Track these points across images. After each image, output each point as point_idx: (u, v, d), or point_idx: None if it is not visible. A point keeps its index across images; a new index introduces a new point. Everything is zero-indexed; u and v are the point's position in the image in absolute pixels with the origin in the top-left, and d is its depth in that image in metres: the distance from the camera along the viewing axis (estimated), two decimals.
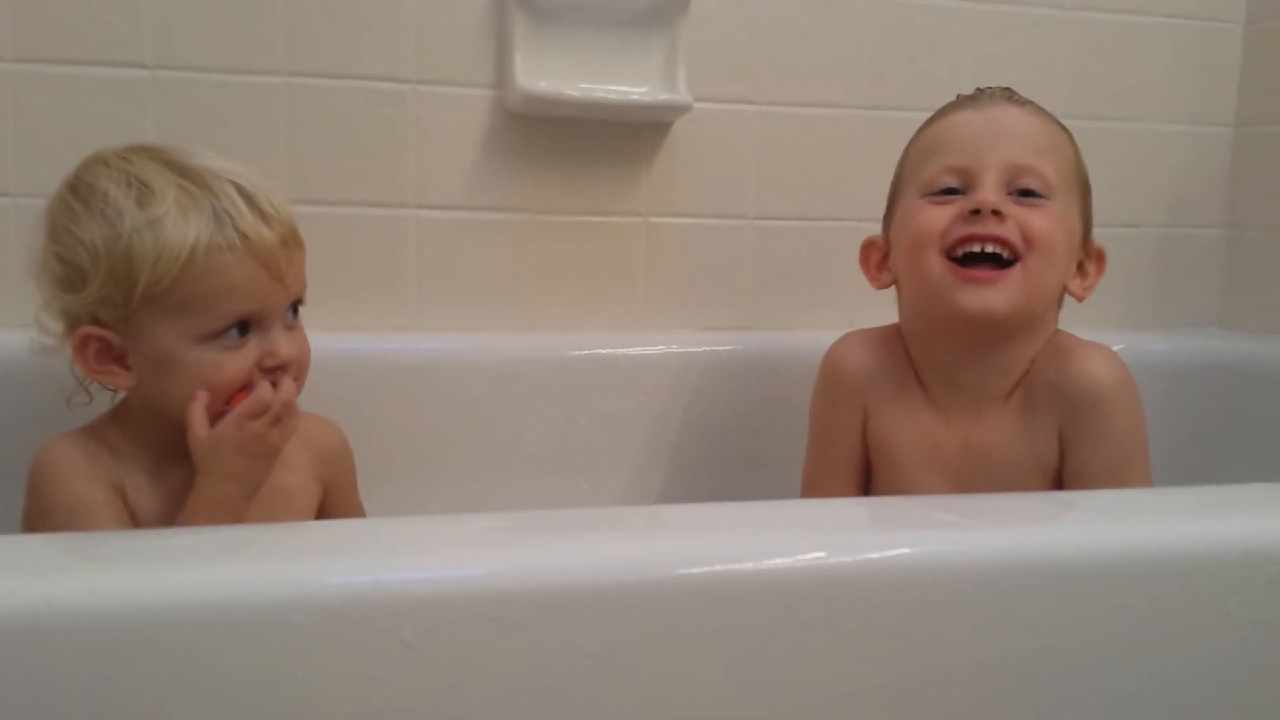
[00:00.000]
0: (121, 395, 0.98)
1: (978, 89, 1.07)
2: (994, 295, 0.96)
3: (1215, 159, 1.61)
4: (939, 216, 0.98)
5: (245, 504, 0.91)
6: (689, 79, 1.36)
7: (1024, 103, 1.04)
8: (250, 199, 0.90)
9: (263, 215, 0.90)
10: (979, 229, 0.96)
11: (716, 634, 0.60)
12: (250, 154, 0.98)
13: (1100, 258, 1.05)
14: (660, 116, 1.38)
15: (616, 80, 1.34)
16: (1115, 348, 1.40)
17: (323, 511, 1.06)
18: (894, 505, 0.77)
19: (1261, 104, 1.57)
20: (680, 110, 1.37)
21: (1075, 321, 1.23)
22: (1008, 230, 0.96)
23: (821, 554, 0.63)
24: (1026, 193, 0.98)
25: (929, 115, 1.09)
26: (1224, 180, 1.61)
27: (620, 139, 1.39)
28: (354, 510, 1.09)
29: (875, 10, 1.46)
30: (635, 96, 1.34)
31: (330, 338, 1.17)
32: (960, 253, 0.98)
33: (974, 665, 0.65)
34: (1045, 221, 0.97)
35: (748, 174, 1.44)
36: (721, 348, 1.39)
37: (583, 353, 1.35)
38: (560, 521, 0.67)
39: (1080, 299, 1.04)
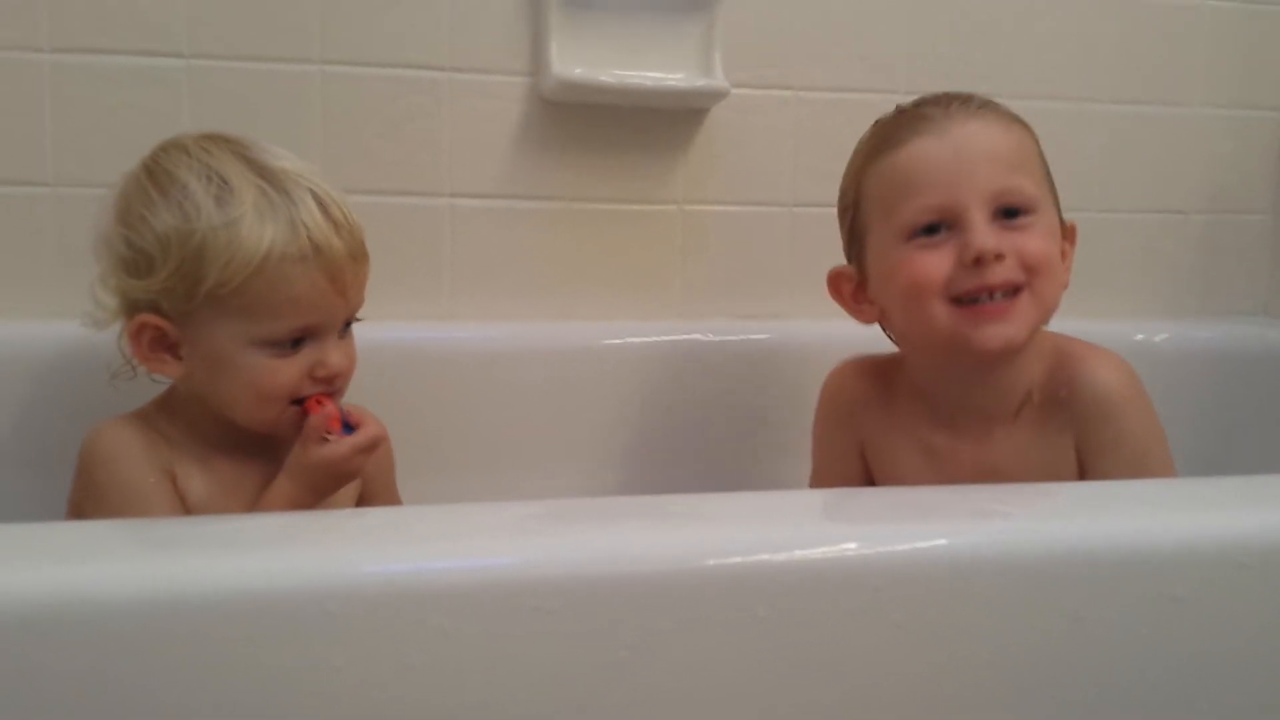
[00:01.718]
0: (167, 383, 0.98)
1: (921, 100, 1.00)
2: (1010, 328, 0.93)
3: (1261, 144, 1.57)
4: (936, 265, 0.94)
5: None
6: (725, 65, 1.35)
7: (980, 109, 0.97)
8: (325, 208, 0.90)
9: (335, 226, 0.90)
10: (987, 279, 0.92)
11: (760, 624, 0.60)
12: (284, 143, 0.97)
13: (1072, 234, 1.01)
14: (696, 103, 1.37)
15: (652, 66, 1.33)
16: (1159, 337, 1.40)
17: (361, 503, 1.06)
18: (937, 494, 0.76)
19: None
20: (717, 96, 1.35)
21: (1116, 311, 1.22)
22: (1009, 271, 0.93)
23: (866, 544, 0.62)
24: (1012, 211, 0.94)
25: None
26: (1271, 165, 1.58)
27: (656, 126, 1.38)
28: (391, 501, 1.10)
29: None
30: (671, 83, 1.33)
31: (363, 327, 1.16)
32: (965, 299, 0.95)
33: (1019, 656, 0.64)
34: (1039, 241, 0.94)
35: (784, 161, 1.42)
36: (757, 336, 1.38)
37: (617, 341, 1.34)
38: (600, 510, 0.66)
39: (1062, 286, 0.99)
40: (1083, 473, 0.97)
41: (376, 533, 0.61)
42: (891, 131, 0.98)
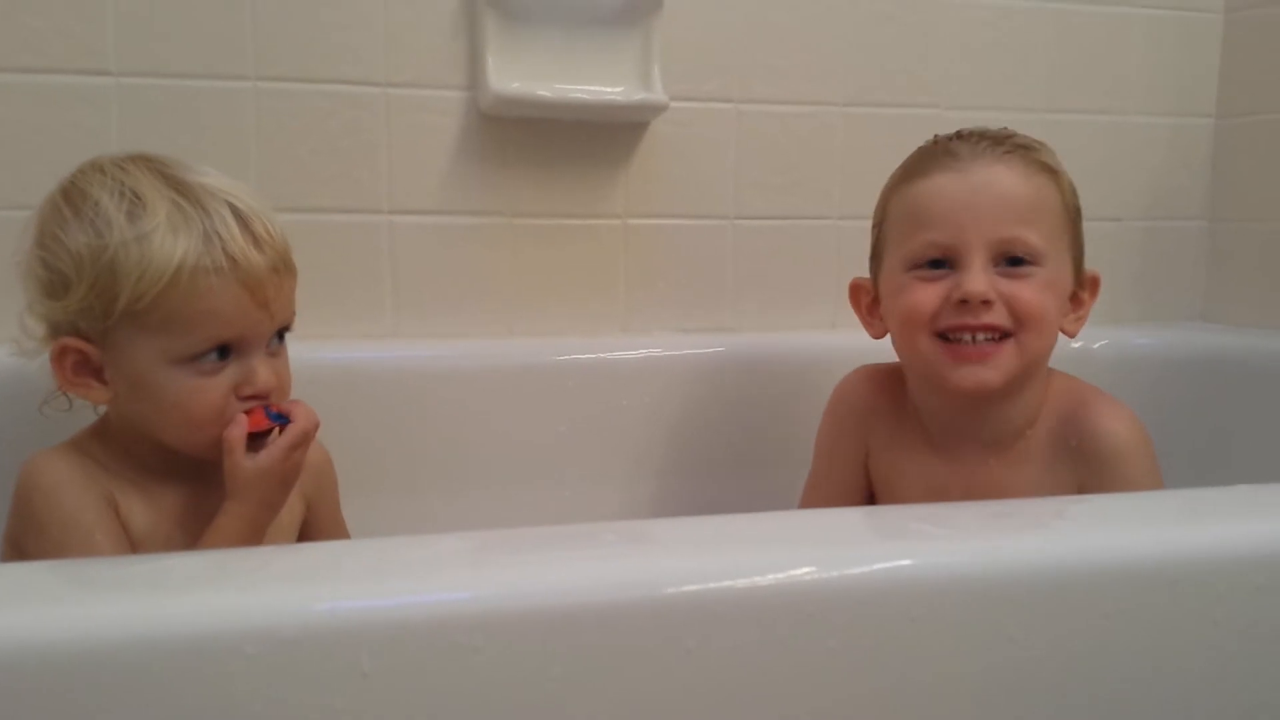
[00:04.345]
0: (101, 409, 0.96)
1: (958, 135, 1.02)
2: (987, 371, 0.96)
3: (1197, 151, 1.60)
4: (927, 299, 0.98)
5: (269, 526, 0.91)
6: (665, 78, 1.35)
7: (1009, 153, 0.99)
8: (244, 221, 0.88)
9: (255, 239, 0.88)
10: (968, 319, 0.96)
11: (690, 655, 0.59)
12: (219, 161, 0.96)
13: (1094, 284, 1.05)
14: (636, 116, 1.37)
15: (591, 80, 1.33)
16: (1097, 344, 1.41)
17: (305, 528, 1.04)
18: (871, 517, 0.76)
19: (1243, 94, 1.56)
20: (656, 110, 1.35)
21: None
22: (995, 316, 0.96)
23: (798, 570, 0.61)
24: (1015, 260, 0.97)
25: (916, 103, 1.07)
26: (1206, 172, 1.60)
27: (596, 140, 1.37)
28: (336, 526, 1.08)
29: (851, 6, 1.44)
30: (610, 96, 1.32)
31: (303, 347, 1.15)
32: (950, 335, 0.98)
33: (954, 679, 0.64)
34: (1035, 293, 0.96)
35: (726, 173, 1.42)
36: (704, 350, 1.38)
37: (563, 358, 1.34)
38: (526, 541, 0.65)
39: (1072, 335, 1.03)
40: None
41: (295, 571, 0.60)
42: (921, 161, 1.02)
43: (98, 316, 0.86)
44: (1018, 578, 0.64)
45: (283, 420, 0.91)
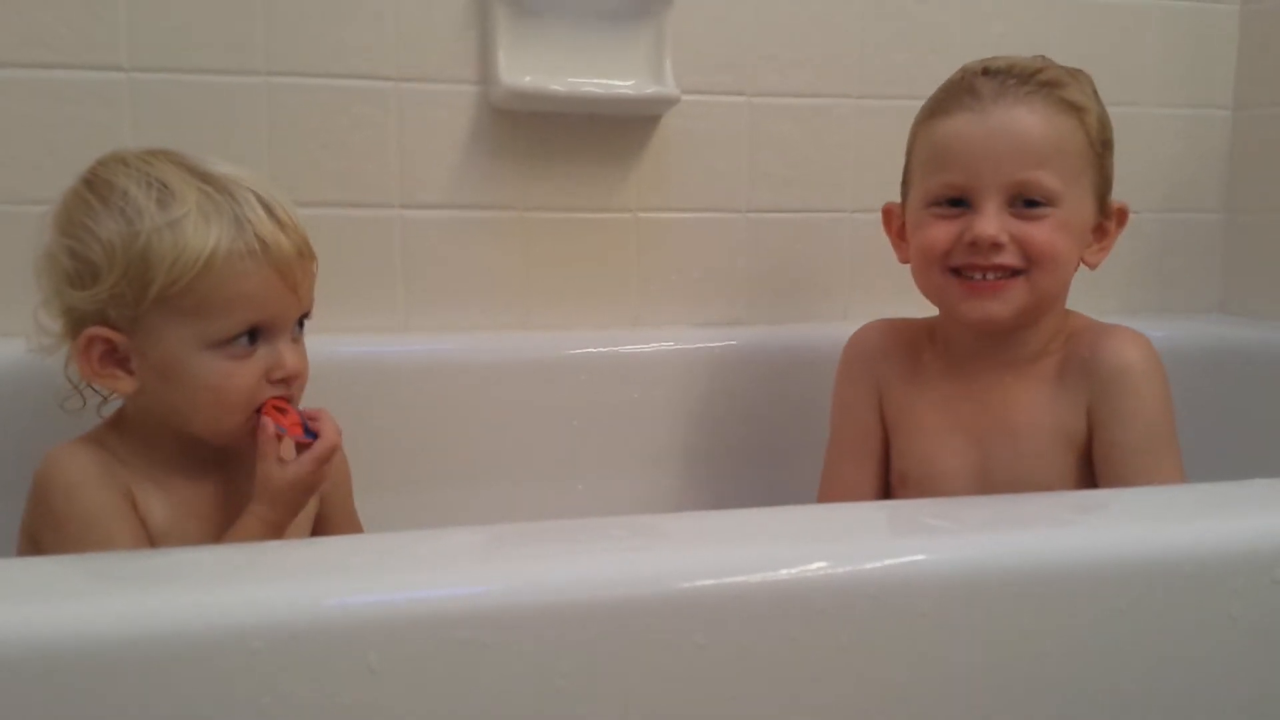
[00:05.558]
0: (117, 404, 0.96)
1: (986, 69, 1.01)
2: (996, 305, 0.99)
3: (1213, 143, 1.58)
4: (942, 237, 1.00)
5: (289, 528, 0.93)
6: (676, 71, 1.34)
7: (1031, 93, 0.99)
8: (269, 208, 0.90)
9: (280, 224, 0.90)
10: (978, 259, 0.99)
11: (701, 651, 0.59)
12: (231, 156, 0.96)
13: (1121, 215, 1.06)
14: (648, 110, 1.36)
15: (603, 74, 1.32)
16: None
17: (318, 523, 1.05)
18: (881, 511, 0.75)
19: (1260, 86, 1.55)
20: (668, 103, 1.34)
21: (1077, 308, 1.21)
22: (1006, 257, 0.98)
23: (810, 565, 0.61)
24: (1031, 202, 0.98)
25: (929, 95, 1.07)
26: (1223, 164, 1.59)
27: (608, 133, 1.37)
28: (349, 520, 1.09)
29: None
30: (622, 90, 1.32)
31: (316, 341, 1.15)
32: (963, 271, 1.01)
33: (967, 675, 0.64)
34: (1047, 234, 0.98)
35: (738, 166, 1.42)
36: (716, 344, 1.37)
37: (576, 352, 1.33)
38: (535, 535, 0.64)
39: (1093, 266, 1.05)
40: (1091, 439, 1.01)
41: (303, 567, 0.60)
42: (947, 97, 1.03)
43: (129, 304, 0.87)
44: (1031, 572, 0.64)
45: (312, 436, 0.92)
